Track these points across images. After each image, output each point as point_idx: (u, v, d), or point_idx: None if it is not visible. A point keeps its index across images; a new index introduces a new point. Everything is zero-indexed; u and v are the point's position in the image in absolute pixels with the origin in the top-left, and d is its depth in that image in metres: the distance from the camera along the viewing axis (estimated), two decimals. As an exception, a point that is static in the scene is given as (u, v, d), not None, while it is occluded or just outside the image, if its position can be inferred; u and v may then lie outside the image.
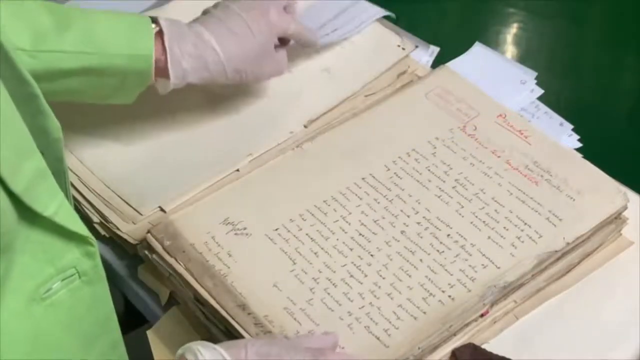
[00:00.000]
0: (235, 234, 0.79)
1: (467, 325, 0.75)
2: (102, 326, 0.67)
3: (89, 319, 0.65)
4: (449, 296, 0.74)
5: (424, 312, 0.73)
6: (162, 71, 0.82)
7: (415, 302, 0.74)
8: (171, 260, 0.77)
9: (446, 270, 0.76)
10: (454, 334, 0.74)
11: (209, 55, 0.84)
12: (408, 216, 0.80)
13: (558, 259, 0.78)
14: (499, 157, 0.85)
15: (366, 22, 1.00)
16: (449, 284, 0.75)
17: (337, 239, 0.79)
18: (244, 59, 0.85)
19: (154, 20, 0.83)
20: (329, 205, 0.81)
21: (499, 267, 0.76)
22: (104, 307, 0.67)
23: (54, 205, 0.60)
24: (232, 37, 0.85)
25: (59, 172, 0.67)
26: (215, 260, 0.77)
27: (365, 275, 0.76)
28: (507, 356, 0.73)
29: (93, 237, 0.64)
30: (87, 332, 0.65)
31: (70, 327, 0.64)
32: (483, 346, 0.75)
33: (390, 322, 0.73)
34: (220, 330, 0.76)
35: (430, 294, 0.74)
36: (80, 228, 0.63)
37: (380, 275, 0.76)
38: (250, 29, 0.85)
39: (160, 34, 0.82)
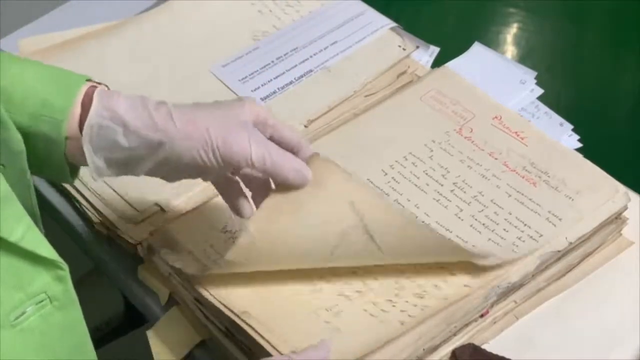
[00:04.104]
0: (234, 242, 0.79)
1: (467, 325, 0.75)
2: (76, 352, 0.65)
3: (62, 345, 0.63)
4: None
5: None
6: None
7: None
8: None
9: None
10: (454, 334, 0.74)
11: (152, 100, 0.69)
12: (408, 221, 0.80)
13: (558, 259, 0.78)
14: (496, 159, 0.84)
15: (370, 37, 0.99)
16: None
17: None
18: (203, 115, 0.69)
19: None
20: None
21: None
22: (78, 332, 0.65)
23: (20, 229, 0.58)
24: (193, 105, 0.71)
25: (24, 185, 0.66)
26: (214, 266, 0.77)
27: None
28: (507, 356, 0.73)
29: (63, 261, 0.61)
30: (60, 359, 0.63)
31: (43, 353, 0.62)
32: (483, 346, 0.75)
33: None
34: (220, 330, 0.76)
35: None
36: (49, 252, 0.61)
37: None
38: (218, 104, 0.71)
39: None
